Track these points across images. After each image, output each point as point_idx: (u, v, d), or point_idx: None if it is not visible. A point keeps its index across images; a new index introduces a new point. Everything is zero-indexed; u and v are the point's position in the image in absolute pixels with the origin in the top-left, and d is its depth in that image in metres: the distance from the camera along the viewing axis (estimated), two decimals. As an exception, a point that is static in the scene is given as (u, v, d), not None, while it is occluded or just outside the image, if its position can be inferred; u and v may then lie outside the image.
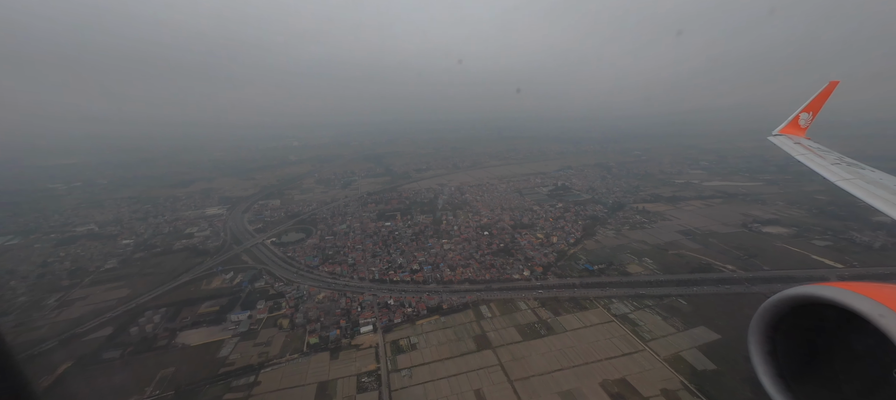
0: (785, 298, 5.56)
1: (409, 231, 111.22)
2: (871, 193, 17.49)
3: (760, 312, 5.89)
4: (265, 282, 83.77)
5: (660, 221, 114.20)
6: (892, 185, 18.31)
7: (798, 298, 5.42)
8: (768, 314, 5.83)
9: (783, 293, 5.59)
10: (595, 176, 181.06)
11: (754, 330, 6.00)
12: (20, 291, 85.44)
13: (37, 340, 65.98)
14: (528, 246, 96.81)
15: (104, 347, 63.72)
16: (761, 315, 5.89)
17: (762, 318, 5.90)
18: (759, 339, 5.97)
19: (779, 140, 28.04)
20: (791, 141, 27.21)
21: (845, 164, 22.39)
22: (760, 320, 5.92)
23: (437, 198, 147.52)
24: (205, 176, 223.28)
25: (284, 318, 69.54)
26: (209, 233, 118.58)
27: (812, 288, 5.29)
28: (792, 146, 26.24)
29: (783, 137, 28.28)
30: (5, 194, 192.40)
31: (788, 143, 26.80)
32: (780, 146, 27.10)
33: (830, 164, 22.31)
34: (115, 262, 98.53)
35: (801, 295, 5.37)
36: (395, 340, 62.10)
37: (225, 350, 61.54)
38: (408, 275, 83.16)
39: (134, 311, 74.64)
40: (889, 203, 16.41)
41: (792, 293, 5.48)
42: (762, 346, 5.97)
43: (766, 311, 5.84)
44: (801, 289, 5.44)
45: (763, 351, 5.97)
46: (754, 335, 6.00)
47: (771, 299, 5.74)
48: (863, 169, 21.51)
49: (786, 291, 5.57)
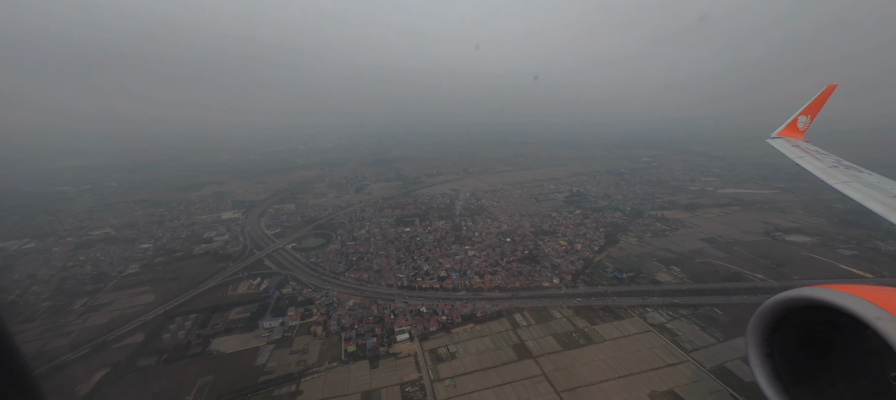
0: (783, 300, 5.57)
1: (430, 237, 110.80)
2: (868, 196, 17.59)
3: (758, 314, 5.88)
4: (292, 288, 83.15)
5: (681, 229, 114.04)
6: (889, 189, 18.43)
7: (795, 301, 5.43)
8: (766, 316, 5.83)
9: (781, 296, 5.61)
10: (608, 182, 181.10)
11: (752, 332, 6.01)
12: (44, 295, 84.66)
13: (68, 346, 65.26)
14: (553, 253, 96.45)
15: (138, 353, 63.00)
16: (759, 317, 5.89)
17: (760, 320, 5.90)
18: (757, 341, 5.98)
19: (777, 143, 28.21)
20: (789, 143, 27.42)
21: (843, 167, 22.56)
22: (758, 322, 5.92)
23: (454, 203, 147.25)
24: (214, 179, 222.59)
25: (317, 325, 69.01)
26: (228, 237, 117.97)
27: (809, 290, 5.29)
28: (790, 149, 26.40)
29: (781, 140, 28.45)
30: (15, 196, 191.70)
31: (787, 146, 26.94)
32: (779, 149, 27.24)
33: (828, 166, 22.45)
34: (136, 266, 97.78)
35: (798, 297, 5.38)
36: (433, 349, 61.54)
37: (261, 358, 60.90)
38: (436, 282, 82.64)
39: (163, 317, 73.93)
40: (886, 206, 16.51)
41: (789, 296, 5.49)
42: (760, 348, 5.97)
43: (763, 313, 5.83)
44: (798, 291, 5.43)
45: (761, 353, 5.98)
46: (752, 337, 6.02)
47: (768, 302, 5.74)
48: (860, 172, 21.61)
49: (783, 293, 5.58)
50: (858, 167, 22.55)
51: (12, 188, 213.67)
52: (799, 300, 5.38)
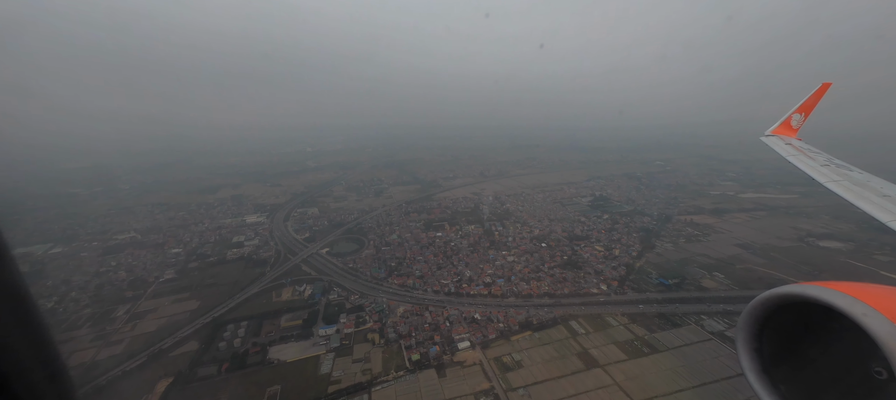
0: (772, 296, 5.71)
1: (464, 242, 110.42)
2: (857, 195, 17.93)
3: (748, 310, 6.00)
4: (337, 294, 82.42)
5: (712, 234, 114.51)
6: (878, 187, 18.71)
7: (785, 297, 5.57)
8: (756, 312, 5.96)
9: (770, 292, 5.74)
10: (628, 187, 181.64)
11: (742, 328, 6.15)
12: (83, 302, 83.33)
13: (124, 355, 64.22)
14: (592, 259, 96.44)
15: (196, 362, 62.07)
16: (749, 313, 6.02)
17: (750, 315, 6.02)
18: (747, 336, 6.11)
19: (770, 140, 28.54)
20: (782, 141, 27.72)
21: (834, 165, 22.88)
22: (748, 318, 6.05)
23: (479, 208, 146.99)
24: (228, 182, 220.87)
25: (373, 332, 68.39)
26: (258, 242, 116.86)
27: (798, 287, 5.48)
28: (783, 147, 26.69)
29: (775, 138, 28.79)
30: (28, 199, 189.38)
31: (780, 144, 27.24)
32: (772, 146, 27.52)
33: (820, 165, 22.80)
34: (172, 272, 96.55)
35: (787, 293, 5.53)
36: (497, 357, 61.15)
37: (324, 367, 60.20)
38: (484, 288, 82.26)
39: (212, 324, 72.97)
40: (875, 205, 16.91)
41: (779, 292, 5.63)
42: (749, 343, 6.10)
43: (753, 309, 5.97)
44: (787, 288, 5.60)
45: (750, 348, 6.11)
46: (741, 333, 6.16)
47: (758, 298, 5.87)
48: (851, 171, 21.90)
49: (774, 289, 5.71)
50: (849, 166, 22.88)
51: (22, 190, 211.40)
52: (789, 296, 5.52)
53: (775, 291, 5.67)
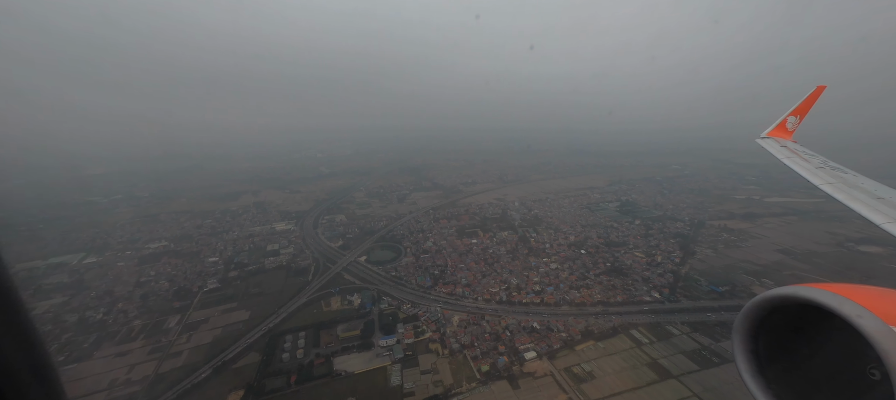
0: (768, 298, 5.75)
1: (501, 249, 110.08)
2: (851, 197, 18.05)
3: (744, 311, 6.05)
4: (388, 304, 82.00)
5: (750, 240, 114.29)
6: (871, 190, 18.80)
7: (780, 299, 5.62)
8: (752, 314, 6.01)
9: (766, 293, 5.79)
10: (652, 191, 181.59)
11: (738, 329, 6.21)
12: (132, 313, 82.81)
13: (187, 368, 63.74)
14: (636, 266, 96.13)
15: (263, 374, 61.57)
16: (745, 315, 6.06)
17: (746, 317, 6.06)
18: (743, 338, 6.18)
19: (766, 142, 28.63)
20: (778, 143, 27.90)
21: (829, 168, 23.05)
22: (744, 320, 6.09)
23: (507, 213, 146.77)
24: (247, 188, 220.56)
25: (434, 342, 67.96)
26: (293, 250, 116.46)
27: (794, 288, 5.51)
28: (778, 149, 26.81)
29: (770, 140, 28.92)
30: (49, 208, 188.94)
31: (775, 146, 27.38)
32: (767, 149, 27.56)
33: (815, 167, 22.97)
34: (214, 281, 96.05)
35: (783, 295, 5.57)
36: (567, 368, 60.71)
37: (394, 378, 59.71)
38: (535, 296, 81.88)
39: (268, 335, 72.46)
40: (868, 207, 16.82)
41: (775, 293, 5.68)
42: (745, 344, 6.17)
43: (749, 310, 6.01)
44: (783, 289, 5.63)
45: (746, 350, 6.19)
46: (738, 334, 6.23)
47: (754, 299, 5.93)
48: (845, 173, 22.04)
49: (769, 291, 5.76)
50: (843, 168, 23.03)
51: (40, 198, 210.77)
52: (785, 298, 5.56)
53: (771, 293, 5.74)
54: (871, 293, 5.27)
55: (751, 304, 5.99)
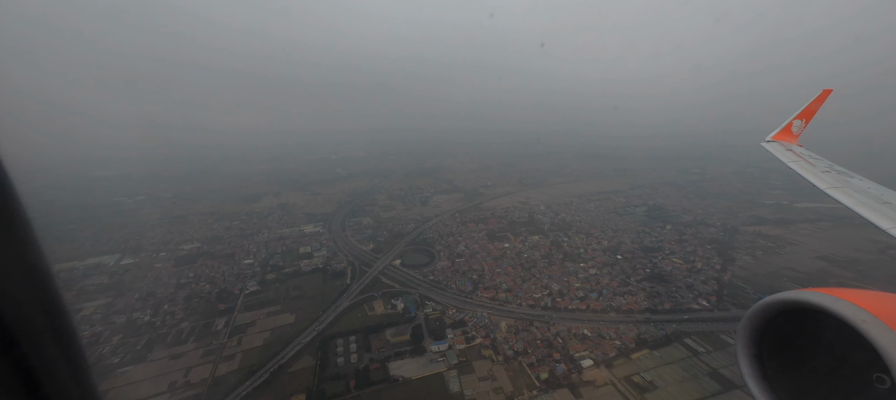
0: (772, 302, 5.71)
1: (535, 253, 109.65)
2: (858, 202, 17.90)
3: (748, 316, 5.99)
4: (432, 308, 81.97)
5: (788, 246, 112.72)
6: (878, 195, 18.66)
7: (785, 303, 5.57)
8: (756, 319, 5.95)
9: (771, 298, 5.75)
10: (677, 196, 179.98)
11: (741, 334, 6.15)
12: (178, 315, 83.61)
13: (243, 371, 64.16)
14: (677, 272, 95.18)
15: (321, 379, 61.78)
16: (749, 319, 6.01)
17: (750, 322, 6.01)
18: (746, 343, 6.11)
19: (771, 146, 28.26)
20: (783, 147, 27.56)
21: (835, 172, 22.70)
22: (748, 325, 6.04)
23: (534, 217, 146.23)
24: (267, 190, 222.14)
25: (486, 348, 67.75)
26: (326, 253, 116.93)
27: (799, 293, 5.44)
28: (784, 153, 26.48)
29: (776, 144, 28.50)
30: (74, 209, 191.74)
31: (781, 150, 27.06)
32: (773, 152, 27.22)
33: (820, 171, 22.64)
34: (254, 284, 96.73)
35: (787, 300, 5.53)
36: (627, 376, 60.18)
37: (452, 385, 59.62)
38: (581, 303, 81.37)
39: (318, 339, 72.71)
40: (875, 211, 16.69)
41: (779, 298, 5.63)
42: (749, 349, 6.11)
43: (753, 315, 5.96)
44: (788, 294, 5.57)
45: (749, 354, 6.11)
46: (741, 339, 6.16)
47: (758, 304, 5.87)
48: (852, 177, 21.81)
49: (774, 295, 5.70)
50: (850, 172, 22.73)
51: (63, 199, 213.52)
52: (789, 303, 5.52)
53: (775, 297, 5.68)
54: (880, 299, 5.18)
55: (755, 307, 5.94)
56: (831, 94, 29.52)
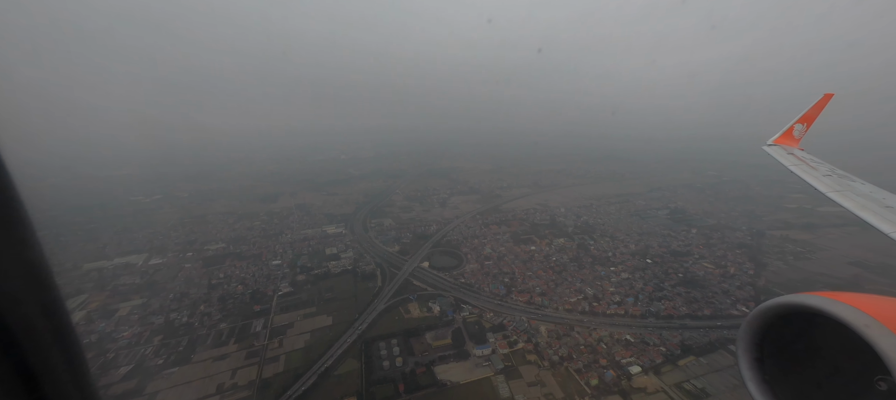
0: (773, 306, 5.69)
1: (563, 257, 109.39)
2: (860, 206, 17.87)
3: (749, 319, 6.01)
4: (469, 312, 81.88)
5: (818, 251, 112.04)
6: (880, 198, 18.69)
7: (786, 307, 5.56)
8: (757, 322, 5.95)
9: (771, 302, 5.73)
10: (697, 199, 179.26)
11: (742, 337, 6.16)
12: (215, 316, 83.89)
13: (290, 374, 64.27)
14: (710, 277, 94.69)
15: (370, 382, 61.80)
16: (750, 323, 6.02)
17: (751, 326, 6.02)
18: (747, 346, 6.12)
19: (773, 150, 28.35)
20: (784, 151, 27.73)
21: (837, 176, 22.75)
22: (749, 328, 6.05)
23: (556, 220, 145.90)
24: (283, 190, 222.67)
25: (530, 353, 67.60)
26: (353, 254, 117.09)
27: (800, 297, 5.43)
28: (785, 156, 26.60)
29: (777, 147, 28.63)
30: (93, 208, 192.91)
31: (782, 154, 27.19)
32: (774, 156, 27.31)
33: (822, 175, 22.75)
34: (286, 285, 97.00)
35: (789, 303, 5.51)
36: (678, 383, 59.90)
37: (502, 390, 59.52)
38: (619, 308, 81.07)
39: (359, 341, 72.75)
40: (877, 215, 16.74)
41: (780, 302, 5.61)
42: (750, 353, 6.11)
43: (754, 319, 5.96)
44: (789, 298, 5.56)
45: (750, 358, 6.11)
46: (742, 342, 6.16)
47: (759, 307, 5.88)
48: (853, 181, 21.82)
49: (774, 299, 5.69)
50: (852, 176, 22.73)
51: (79, 199, 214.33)
52: (790, 307, 5.52)
53: (776, 301, 5.67)
54: (881, 303, 5.18)
55: (756, 311, 5.94)
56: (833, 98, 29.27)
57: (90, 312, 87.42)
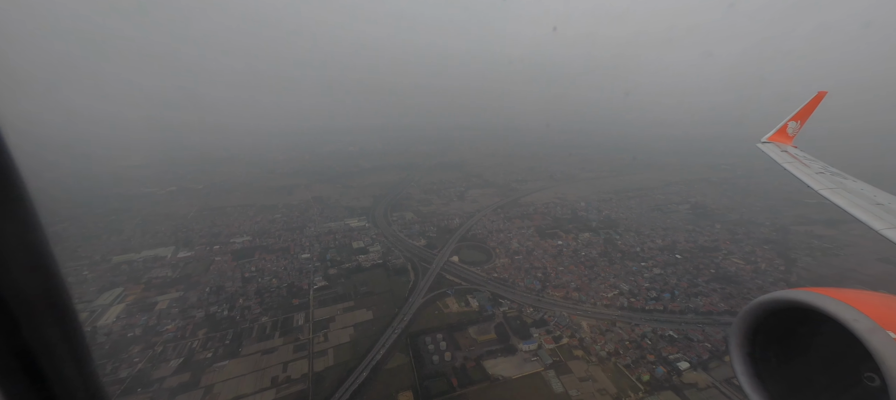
0: (766, 302, 5.82)
1: (592, 251, 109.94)
2: (852, 203, 18.28)
3: (742, 315, 6.11)
4: (508, 307, 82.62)
5: (845, 248, 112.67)
6: (871, 196, 19.06)
7: (778, 303, 5.69)
8: (749, 318, 6.06)
9: (764, 297, 5.87)
10: (715, 193, 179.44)
11: (735, 333, 6.29)
12: (255, 310, 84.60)
13: (341, 368, 65.07)
14: (743, 273, 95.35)
15: (423, 377, 62.63)
16: (743, 318, 6.13)
17: (744, 321, 6.13)
18: (740, 341, 6.25)
19: (767, 147, 28.68)
20: (778, 149, 28.04)
21: (829, 173, 23.12)
22: (742, 323, 6.16)
23: (577, 214, 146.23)
24: (296, 182, 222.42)
25: (576, 348, 68.41)
26: (380, 248, 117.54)
27: (792, 293, 5.57)
28: (779, 154, 26.96)
29: (771, 145, 28.99)
30: (111, 199, 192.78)
31: (776, 151, 27.50)
32: (768, 153, 27.70)
33: (815, 172, 23.10)
34: (320, 279, 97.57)
35: (781, 299, 5.64)
36: (727, 379, 60.72)
37: (555, 385, 60.42)
38: (657, 303, 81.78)
39: (404, 336, 73.51)
40: (869, 213, 17.18)
41: (773, 297, 5.74)
42: (742, 348, 6.23)
43: (747, 314, 6.07)
44: (781, 293, 5.68)
45: (743, 353, 6.24)
46: (735, 338, 6.30)
47: (752, 303, 6.00)
48: (845, 179, 22.22)
49: (768, 295, 5.82)
50: (844, 174, 23.17)
51: (94, 189, 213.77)
52: (782, 302, 5.64)
53: (768, 297, 5.78)
54: (870, 299, 5.33)
55: (749, 307, 6.03)
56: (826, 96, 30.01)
57: (129, 305, 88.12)
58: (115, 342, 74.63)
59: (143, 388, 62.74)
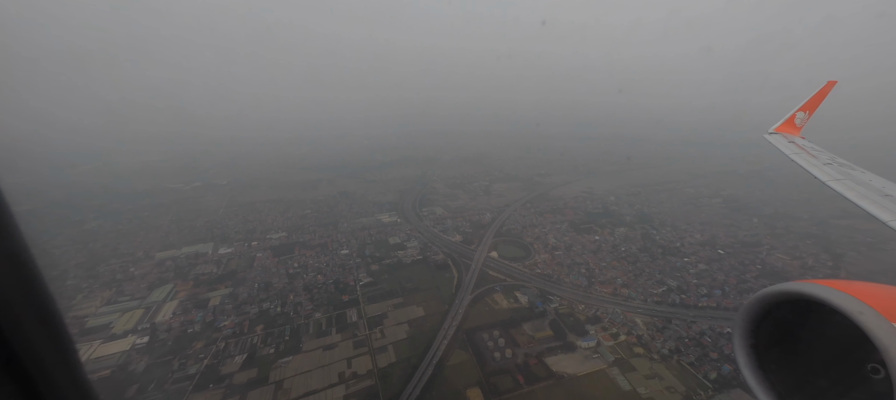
0: (770, 293, 5.75)
1: (631, 247, 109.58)
2: (860, 195, 18.04)
3: (746, 306, 6.06)
4: (558, 303, 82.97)
5: (890, 242, 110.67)
6: (880, 187, 18.93)
7: (783, 294, 5.61)
8: (753, 309, 6.00)
9: (768, 289, 5.79)
10: (744, 185, 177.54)
11: (738, 324, 6.23)
12: (307, 306, 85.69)
13: (404, 364, 66.04)
14: (790, 269, 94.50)
15: (487, 373, 63.42)
16: (746, 310, 6.07)
17: (747, 312, 6.07)
18: (743, 333, 6.18)
19: (774, 138, 28.25)
20: (786, 139, 27.68)
21: (837, 164, 22.87)
22: (745, 315, 6.10)
23: (608, 208, 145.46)
24: (320, 177, 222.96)
25: (636, 346, 68.67)
26: (418, 244, 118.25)
27: (797, 284, 5.49)
28: (786, 145, 26.57)
29: (778, 136, 28.54)
30: (138, 196, 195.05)
31: (783, 142, 27.15)
32: (775, 144, 27.32)
33: (823, 164, 22.77)
34: (365, 275, 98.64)
35: (785, 291, 5.57)
36: (795, 377, 60.59)
37: (622, 383, 60.80)
38: (710, 300, 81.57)
39: (460, 333, 74.25)
40: (877, 204, 16.97)
41: (777, 289, 5.67)
42: (745, 339, 6.18)
43: (751, 306, 6.01)
44: (786, 285, 5.61)
45: (746, 345, 6.17)
46: (738, 329, 6.24)
47: (756, 295, 5.93)
48: (853, 170, 21.95)
49: (771, 287, 5.75)
50: (852, 165, 22.83)
51: (118, 186, 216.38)
52: (787, 294, 5.57)
53: (772, 289, 5.74)
54: (875, 291, 5.27)
55: (753, 299, 6.01)
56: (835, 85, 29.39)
57: (182, 301, 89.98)
58: (177, 339, 76.46)
59: (215, 384, 64.35)
